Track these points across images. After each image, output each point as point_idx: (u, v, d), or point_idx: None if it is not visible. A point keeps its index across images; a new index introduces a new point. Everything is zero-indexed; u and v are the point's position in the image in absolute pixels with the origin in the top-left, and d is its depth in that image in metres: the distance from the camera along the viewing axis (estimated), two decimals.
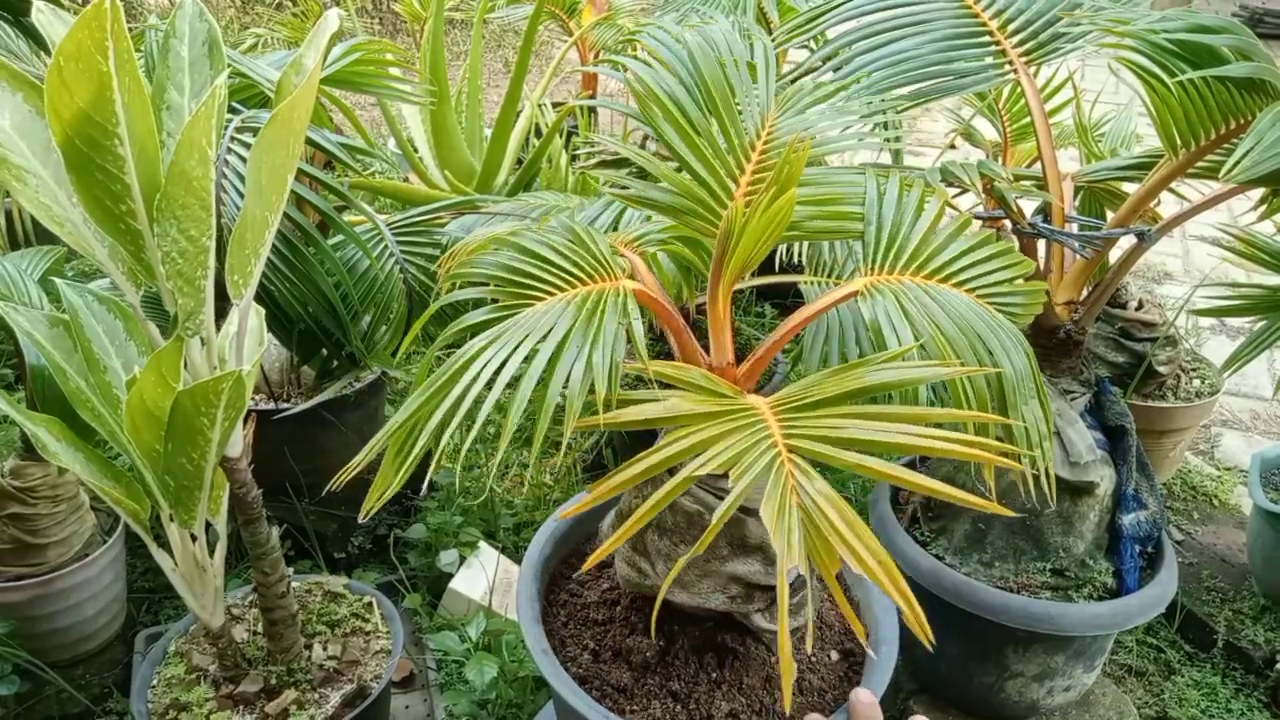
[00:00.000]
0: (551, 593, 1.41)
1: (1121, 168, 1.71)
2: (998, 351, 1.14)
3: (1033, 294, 1.26)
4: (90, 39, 1.03)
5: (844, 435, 0.93)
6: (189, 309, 1.21)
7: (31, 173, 1.17)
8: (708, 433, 0.95)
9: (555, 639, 1.32)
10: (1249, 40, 1.35)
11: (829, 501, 0.88)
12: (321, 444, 2.17)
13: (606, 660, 1.29)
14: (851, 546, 0.86)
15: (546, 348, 1.00)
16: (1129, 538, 1.64)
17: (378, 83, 2.01)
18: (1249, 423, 3.08)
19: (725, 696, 1.24)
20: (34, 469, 1.72)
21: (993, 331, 1.15)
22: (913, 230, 1.20)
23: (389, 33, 6.57)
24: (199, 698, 1.48)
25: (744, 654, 1.28)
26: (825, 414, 0.97)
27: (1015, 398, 1.14)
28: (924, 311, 1.13)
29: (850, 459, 0.91)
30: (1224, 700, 2.00)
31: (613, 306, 1.06)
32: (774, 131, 1.31)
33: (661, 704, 1.24)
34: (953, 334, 1.12)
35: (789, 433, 0.95)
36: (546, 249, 1.15)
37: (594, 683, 1.26)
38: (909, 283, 1.15)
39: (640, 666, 1.27)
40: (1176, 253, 4.16)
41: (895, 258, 1.18)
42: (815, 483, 0.89)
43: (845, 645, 1.35)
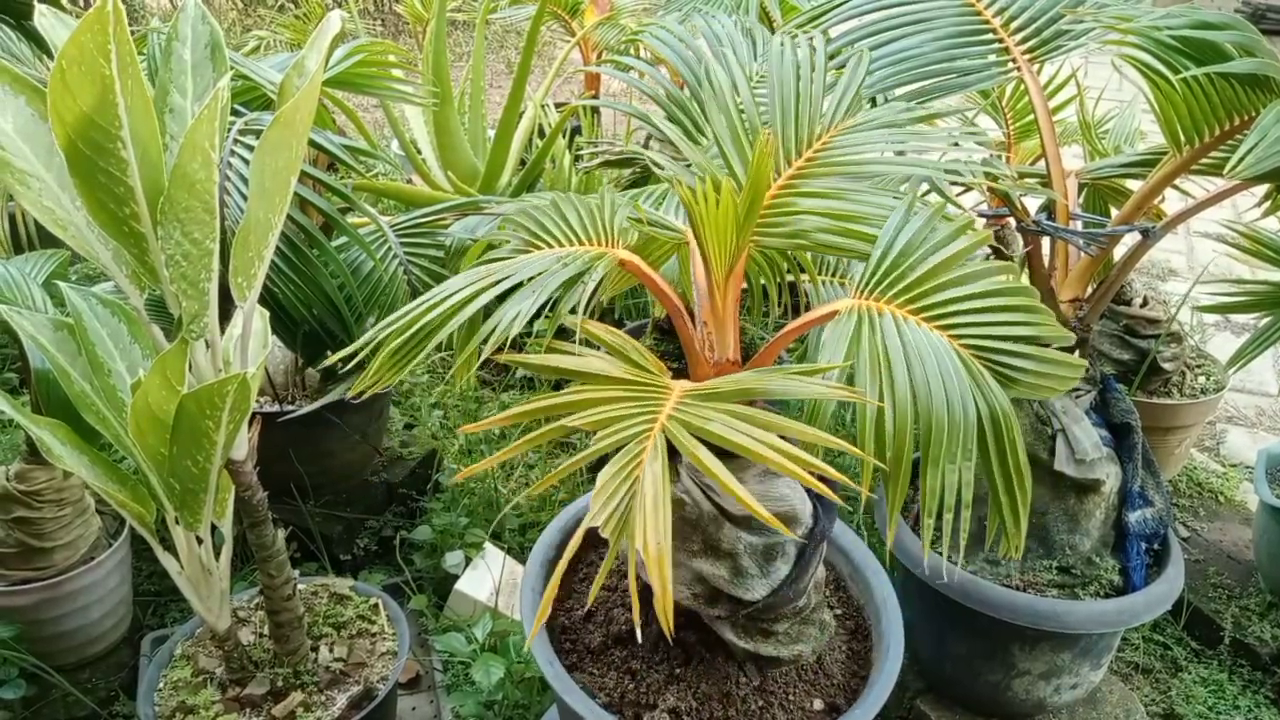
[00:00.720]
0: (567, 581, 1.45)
1: (1125, 165, 1.70)
2: (940, 402, 1.03)
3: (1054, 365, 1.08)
4: (93, 42, 1.03)
5: (705, 427, 0.96)
6: (193, 312, 1.21)
7: (35, 176, 1.17)
8: (603, 394, 1.02)
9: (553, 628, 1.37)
10: (1252, 36, 1.34)
11: (653, 483, 0.92)
12: (326, 446, 2.17)
13: (595, 622, 1.36)
14: (645, 527, 0.90)
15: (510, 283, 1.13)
16: (1135, 535, 1.64)
17: (380, 84, 2.01)
18: (1254, 419, 3.07)
19: (676, 694, 1.26)
20: (39, 473, 1.73)
21: (947, 382, 1.04)
22: (923, 261, 1.12)
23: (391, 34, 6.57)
24: (205, 700, 1.48)
25: (709, 660, 1.29)
26: (713, 406, 0.99)
27: (939, 454, 1.03)
28: (879, 342, 1.06)
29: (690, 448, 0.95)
30: (1231, 697, 1.99)
31: (580, 263, 1.16)
32: (829, 142, 1.30)
33: (616, 675, 1.29)
34: (897, 371, 1.04)
35: (675, 415, 0.98)
36: (572, 211, 1.27)
37: (570, 635, 1.35)
38: (888, 312, 1.09)
39: (615, 637, 1.32)
40: (1181, 249, 4.15)
41: (889, 285, 1.11)
42: (656, 463, 0.94)
43: (836, 700, 1.33)
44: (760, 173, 1.09)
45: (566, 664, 1.31)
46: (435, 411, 2.67)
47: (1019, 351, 1.08)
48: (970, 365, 1.06)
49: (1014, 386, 1.08)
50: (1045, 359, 1.08)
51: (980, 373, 1.06)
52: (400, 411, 2.67)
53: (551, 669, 1.26)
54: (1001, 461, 1.07)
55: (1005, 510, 1.09)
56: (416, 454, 2.44)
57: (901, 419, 1.02)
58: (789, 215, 1.18)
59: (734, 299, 1.18)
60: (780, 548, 1.23)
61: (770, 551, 1.22)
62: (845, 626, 1.44)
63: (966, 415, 1.03)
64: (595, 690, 1.28)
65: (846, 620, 1.45)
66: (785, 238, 1.18)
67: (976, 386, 1.05)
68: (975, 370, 1.06)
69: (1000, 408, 1.05)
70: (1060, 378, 1.07)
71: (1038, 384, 1.08)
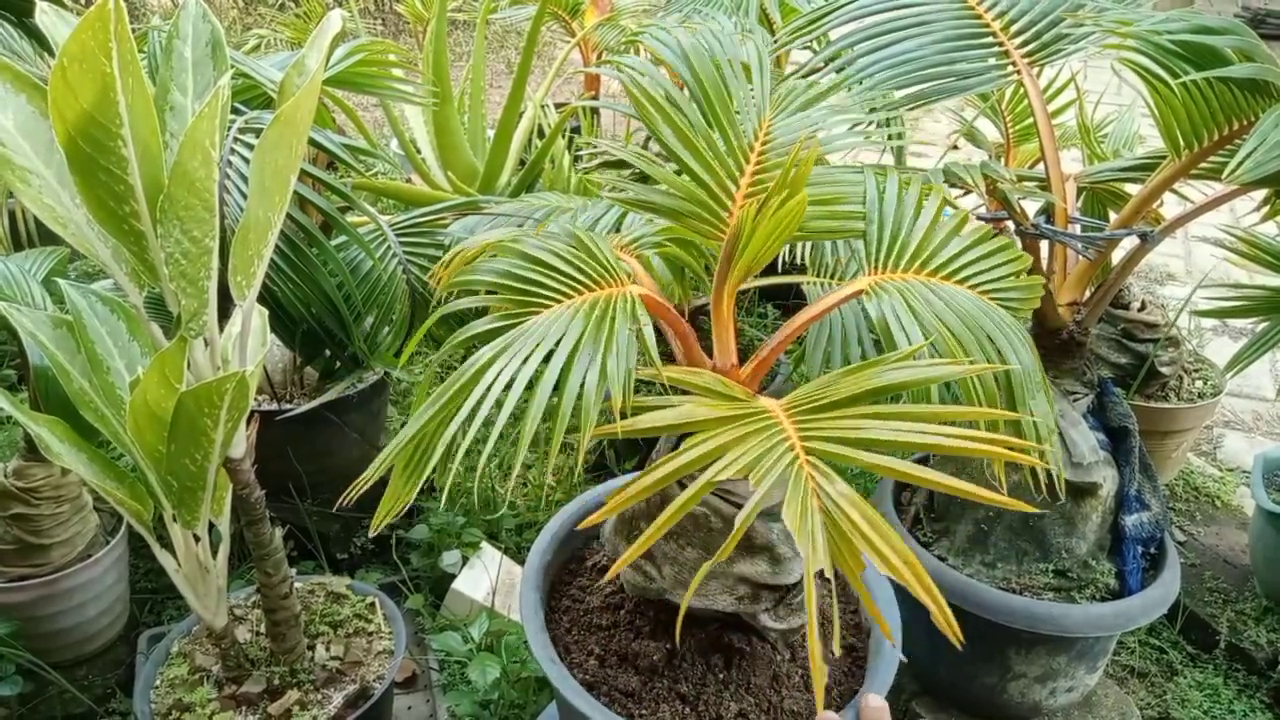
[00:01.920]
0: (554, 598, 1.41)
1: (1124, 169, 1.71)
2: (1004, 348, 1.14)
3: (1030, 288, 1.26)
4: (94, 40, 1.03)
5: (863, 436, 0.92)
6: (192, 310, 1.21)
7: (35, 173, 1.17)
8: (725, 437, 0.94)
9: (560, 645, 1.31)
10: (1252, 41, 1.35)
11: (851, 503, 0.88)
12: (324, 445, 2.17)
13: (613, 665, 1.29)
14: (876, 547, 0.85)
15: (559, 356, 0.99)
16: (1132, 539, 1.64)
17: (380, 83, 2.01)
18: (1251, 424, 3.08)
19: (734, 697, 1.24)
20: (37, 469, 1.73)
21: (999, 328, 1.15)
22: (914, 228, 1.20)
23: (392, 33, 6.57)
24: (202, 698, 1.48)
25: (750, 653, 1.28)
26: (841, 415, 0.96)
27: (1023, 393, 1.13)
28: (930, 309, 1.13)
29: (868, 459, 0.90)
30: (1226, 701, 2.00)
31: (623, 312, 1.05)
32: (771, 132, 1.31)
33: (671, 707, 1.24)
34: (960, 331, 1.12)
35: (805, 434, 0.94)
36: (550, 255, 1.13)
37: (601, 688, 1.25)
38: (913, 281, 1.15)
39: (648, 670, 1.26)
40: (1179, 254, 4.15)
41: (898, 256, 1.17)
42: (836, 485, 0.89)
43: (846, 640, 1.35)
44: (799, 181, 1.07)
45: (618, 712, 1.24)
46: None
47: (1012, 285, 1.23)
48: (996, 308, 1.17)
49: (1015, 314, 1.22)
50: (1024, 285, 1.25)
51: (999, 311, 1.18)
52: (398, 411, 2.67)
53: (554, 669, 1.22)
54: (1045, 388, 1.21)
55: None
56: None
57: (987, 374, 1.11)
58: None
59: (732, 304, 1.18)
60: None
61: None
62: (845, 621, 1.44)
63: (1025, 350, 1.16)
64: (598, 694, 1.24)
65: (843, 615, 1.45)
66: None
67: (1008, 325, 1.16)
68: (999, 311, 1.17)
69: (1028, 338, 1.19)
70: (1033, 297, 1.27)
71: (1024, 307, 1.25)
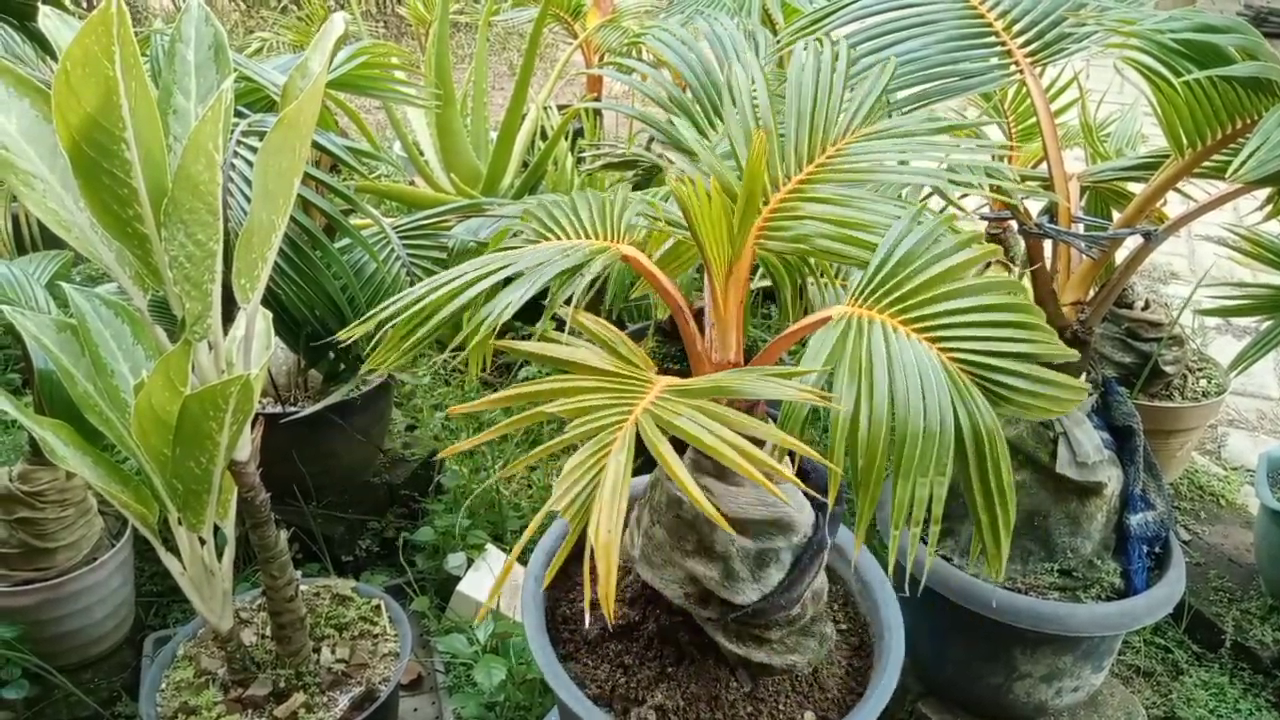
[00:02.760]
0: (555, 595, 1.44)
1: (1127, 168, 1.70)
2: (916, 413, 1.00)
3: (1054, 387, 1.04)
4: (97, 44, 1.03)
5: (672, 422, 0.97)
6: (196, 313, 1.21)
7: (39, 177, 1.18)
8: (585, 383, 1.04)
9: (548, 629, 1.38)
10: (1255, 39, 1.35)
11: (615, 472, 0.93)
12: (329, 447, 2.17)
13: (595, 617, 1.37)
14: (601, 514, 0.91)
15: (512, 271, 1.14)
16: (1137, 538, 1.64)
17: (383, 86, 2.01)
18: (1256, 422, 3.07)
19: (665, 691, 1.27)
20: (42, 473, 1.73)
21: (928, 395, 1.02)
22: (921, 272, 1.09)
23: (394, 36, 6.58)
24: (208, 701, 1.48)
25: (700, 662, 1.29)
26: (684, 401, 1.00)
27: (910, 467, 1.00)
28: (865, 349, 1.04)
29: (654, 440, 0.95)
30: (1232, 700, 1.99)
31: (580, 255, 1.17)
32: (843, 149, 1.28)
33: (609, 668, 1.30)
34: (878, 378, 1.02)
35: (650, 409, 1.00)
36: (585, 206, 1.29)
37: (568, 626, 1.37)
38: (878, 321, 1.07)
39: (612, 631, 1.35)
40: (1182, 253, 4.15)
41: (883, 294, 1.09)
42: (621, 455, 0.95)
43: (827, 714, 1.32)
44: (754, 174, 1.10)
45: (562, 653, 1.32)
46: (437, 413, 2.67)
47: (1012, 369, 1.04)
48: (957, 380, 1.03)
49: (1005, 405, 1.04)
50: (1040, 378, 1.03)
51: (968, 387, 1.03)
52: (402, 413, 2.67)
53: (544, 655, 1.28)
54: (983, 479, 1.03)
55: (986, 530, 1.04)
56: (418, 455, 2.44)
57: (876, 428, 0.99)
58: (793, 220, 1.17)
59: (736, 300, 1.17)
60: (775, 554, 1.22)
61: (763, 557, 1.21)
62: (849, 643, 1.42)
63: (944, 430, 1.00)
64: (587, 681, 1.29)
65: (850, 636, 1.44)
66: (788, 242, 1.17)
67: (961, 402, 1.01)
68: (962, 385, 1.03)
69: (985, 425, 1.01)
70: (1057, 399, 1.03)
71: (1031, 403, 1.04)
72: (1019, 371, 1.03)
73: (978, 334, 1.06)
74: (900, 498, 0.99)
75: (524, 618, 1.33)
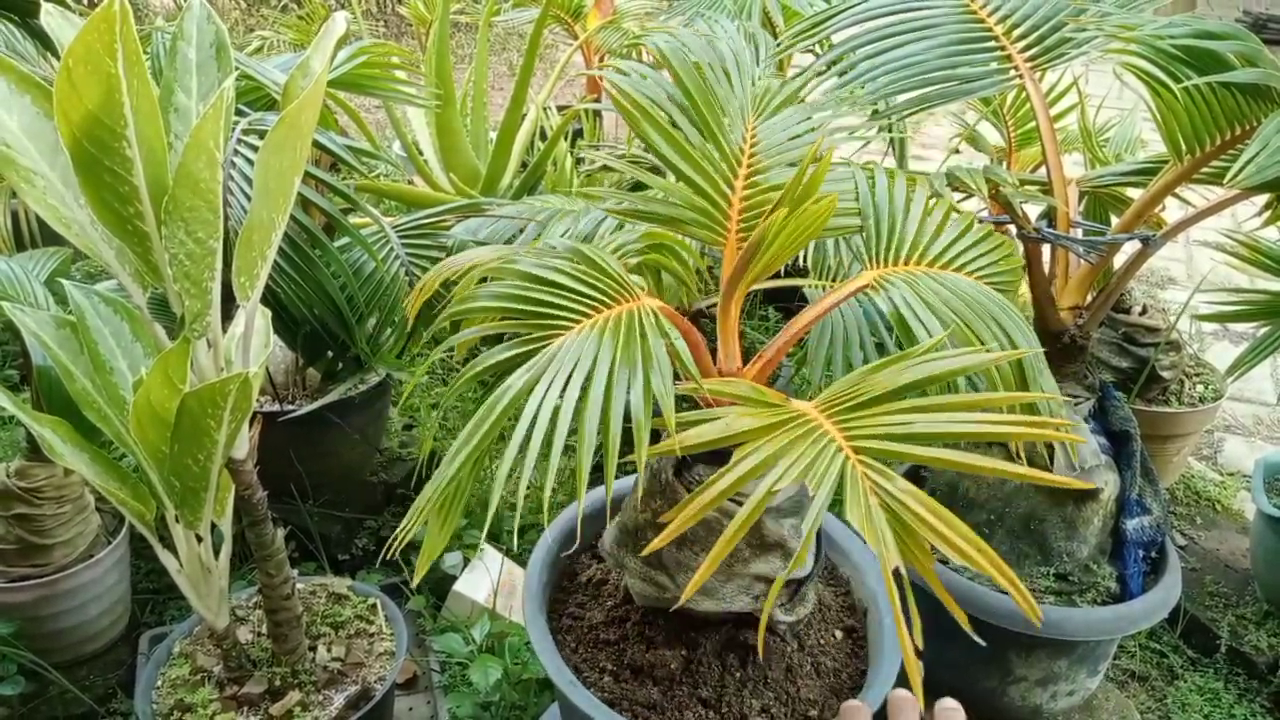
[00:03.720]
0: (553, 619, 1.39)
1: (1126, 173, 1.71)
2: (1011, 330, 1.15)
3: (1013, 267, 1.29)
4: (99, 41, 1.03)
5: (910, 431, 0.91)
6: (196, 311, 1.21)
7: (39, 174, 1.18)
8: (772, 446, 0.93)
9: (569, 666, 1.28)
10: (1254, 46, 1.35)
11: (912, 497, 0.87)
12: (327, 446, 2.17)
13: (628, 680, 1.27)
14: (945, 537, 0.84)
15: (599, 379, 0.97)
16: (1133, 542, 1.64)
17: (383, 85, 2.01)
18: (1252, 428, 3.08)
19: (753, 694, 1.25)
20: (39, 470, 1.73)
21: (1003, 310, 1.16)
22: (907, 221, 1.21)
23: (394, 35, 6.58)
24: (203, 699, 1.48)
25: (747, 665, 1.28)
26: (881, 411, 0.95)
27: (1034, 373, 1.15)
28: (939, 298, 1.14)
29: (922, 453, 0.89)
30: (1227, 706, 2.00)
31: (651, 328, 1.02)
32: (755, 135, 1.30)
33: (694, 713, 1.23)
34: (970, 318, 1.13)
35: (849, 434, 0.93)
36: (557, 273, 1.09)
37: (623, 704, 1.24)
38: (918, 272, 1.16)
39: (666, 680, 1.25)
40: (1180, 258, 4.15)
41: (898, 248, 1.18)
42: (896, 481, 0.88)
43: (846, 623, 1.36)
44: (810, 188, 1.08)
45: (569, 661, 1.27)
46: (434, 412, 2.67)
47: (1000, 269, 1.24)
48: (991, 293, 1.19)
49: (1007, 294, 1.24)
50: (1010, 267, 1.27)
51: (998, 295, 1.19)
52: (399, 412, 2.67)
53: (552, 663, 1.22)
54: None
55: None
56: (416, 455, 2.44)
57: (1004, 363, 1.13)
58: None
59: (737, 309, 1.18)
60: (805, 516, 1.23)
61: (799, 528, 1.22)
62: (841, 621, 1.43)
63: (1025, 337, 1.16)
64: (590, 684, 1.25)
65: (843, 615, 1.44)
66: None
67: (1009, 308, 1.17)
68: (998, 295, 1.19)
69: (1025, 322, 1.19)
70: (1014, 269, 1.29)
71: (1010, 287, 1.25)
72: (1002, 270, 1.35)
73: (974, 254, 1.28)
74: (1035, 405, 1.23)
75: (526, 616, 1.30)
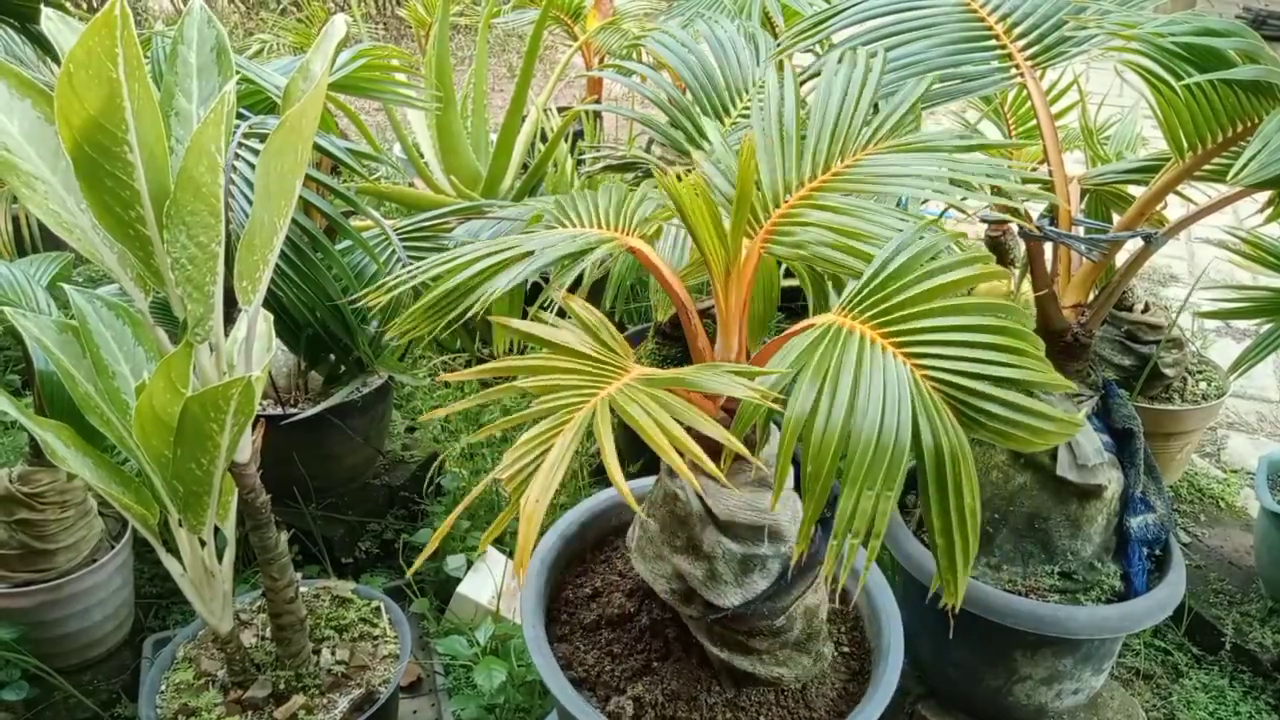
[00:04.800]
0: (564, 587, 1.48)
1: (1128, 171, 1.70)
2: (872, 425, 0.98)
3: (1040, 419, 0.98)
4: (100, 46, 1.04)
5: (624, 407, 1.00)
6: (198, 315, 1.21)
7: (41, 179, 1.18)
8: (562, 364, 1.07)
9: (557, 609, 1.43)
10: (1255, 43, 1.35)
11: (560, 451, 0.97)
12: (329, 449, 2.17)
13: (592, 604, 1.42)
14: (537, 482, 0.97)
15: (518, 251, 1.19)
16: (1137, 540, 1.64)
17: (384, 88, 2.01)
18: (1255, 425, 3.07)
19: (646, 685, 1.28)
20: (42, 474, 1.73)
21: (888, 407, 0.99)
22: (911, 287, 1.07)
23: (394, 38, 6.58)
24: (207, 703, 1.48)
25: (685, 661, 1.30)
26: (644, 389, 1.02)
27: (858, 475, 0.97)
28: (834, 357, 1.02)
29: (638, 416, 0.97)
30: (1232, 703, 1.99)
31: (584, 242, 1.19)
32: (860, 159, 1.29)
33: (597, 654, 1.34)
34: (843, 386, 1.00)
35: (615, 394, 1.02)
36: (605, 197, 1.32)
37: (561, 616, 1.41)
38: (857, 331, 1.05)
39: (608, 619, 1.38)
40: (1182, 255, 4.15)
41: (868, 307, 1.07)
42: (568, 435, 0.97)
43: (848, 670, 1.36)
44: (745, 176, 1.10)
45: (557, 634, 1.36)
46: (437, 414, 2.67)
47: (990, 394, 0.99)
48: (927, 398, 1.00)
49: (978, 430, 1.00)
50: (1019, 406, 0.98)
51: (938, 407, 1.00)
52: (402, 415, 2.67)
53: (533, 632, 1.31)
54: (942, 501, 0.99)
55: (942, 555, 0.99)
56: (418, 457, 2.44)
57: (829, 435, 0.97)
58: (797, 225, 1.18)
59: (738, 301, 1.18)
60: (760, 561, 1.22)
61: (748, 563, 1.21)
62: (848, 666, 1.41)
63: (898, 444, 0.97)
64: (574, 664, 1.33)
65: (851, 660, 1.43)
66: (789, 248, 1.18)
67: (927, 420, 0.98)
68: (930, 404, 1.00)
69: (951, 447, 0.98)
70: (1038, 429, 0.97)
71: (1008, 431, 0.98)
72: (996, 397, 0.99)
73: (958, 354, 1.02)
74: (843, 508, 0.96)
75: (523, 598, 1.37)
